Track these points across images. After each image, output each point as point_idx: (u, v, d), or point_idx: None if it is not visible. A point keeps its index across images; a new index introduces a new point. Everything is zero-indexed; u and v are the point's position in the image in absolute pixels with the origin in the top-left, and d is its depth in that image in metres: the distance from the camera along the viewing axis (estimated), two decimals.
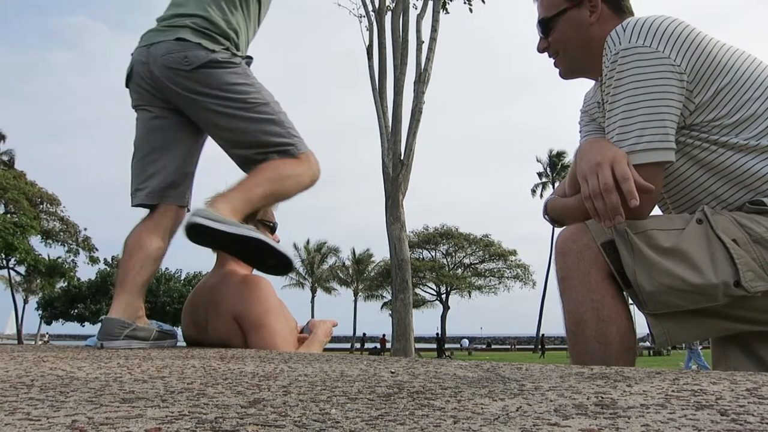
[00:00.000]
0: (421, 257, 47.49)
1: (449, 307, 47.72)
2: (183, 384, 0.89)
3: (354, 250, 51.82)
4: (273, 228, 2.30)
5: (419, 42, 13.60)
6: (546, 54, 1.64)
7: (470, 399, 0.72)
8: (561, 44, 1.59)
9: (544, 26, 1.60)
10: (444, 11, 14.29)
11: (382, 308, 48.70)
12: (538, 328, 47.04)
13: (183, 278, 47.53)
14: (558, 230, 1.53)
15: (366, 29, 14.26)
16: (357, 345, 47.91)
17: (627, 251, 1.32)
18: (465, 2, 15.03)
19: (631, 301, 1.39)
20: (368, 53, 14.10)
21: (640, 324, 1.65)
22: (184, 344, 2.20)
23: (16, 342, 35.89)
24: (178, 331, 2.15)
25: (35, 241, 32.62)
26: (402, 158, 13.02)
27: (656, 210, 1.46)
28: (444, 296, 47.66)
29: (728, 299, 1.28)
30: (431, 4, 13.81)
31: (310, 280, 52.50)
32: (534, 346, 49.06)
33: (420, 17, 13.84)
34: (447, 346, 43.04)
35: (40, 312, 48.08)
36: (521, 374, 0.98)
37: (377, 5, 14.12)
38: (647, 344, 30.07)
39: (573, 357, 1.40)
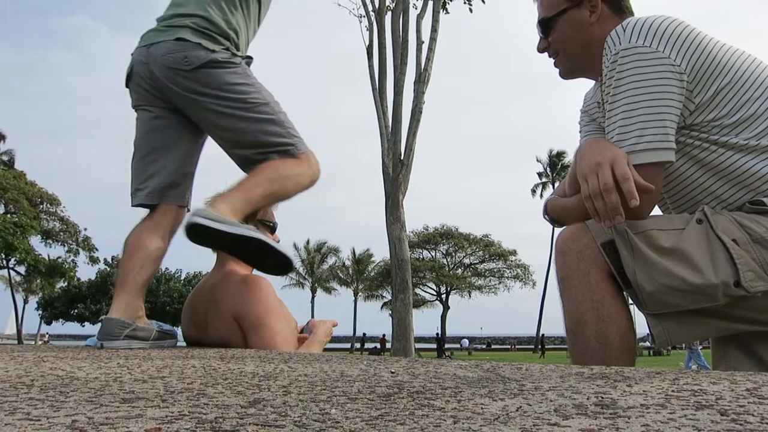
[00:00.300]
0: (421, 257, 47.49)
1: (449, 307, 47.74)
2: (183, 384, 0.89)
3: (354, 250, 51.86)
4: (273, 228, 2.31)
5: (419, 42, 13.60)
6: (546, 54, 1.64)
7: (470, 399, 0.72)
8: (561, 44, 1.59)
9: (544, 26, 1.60)
10: (444, 11, 14.29)
11: (382, 308, 48.71)
12: (538, 328, 47.05)
13: (183, 278, 47.53)
14: (558, 230, 1.53)
15: (366, 29, 14.27)
16: (357, 345, 47.91)
17: (627, 251, 1.32)
18: (465, 2, 15.04)
19: (631, 301, 1.39)
20: (368, 53, 14.10)
21: (640, 324, 1.66)
22: (184, 344, 2.20)
23: (16, 342, 35.91)
24: (178, 331, 2.15)
25: (35, 241, 32.67)
26: (402, 158, 13.02)
27: (656, 210, 1.46)
28: (444, 296, 47.67)
29: (728, 299, 1.28)
30: (431, 4, 13.82)
31: (310, 280, 52.51)
32: (534, 346, 49.07)
33: (420, 17, 13.84)
34: (447, 346, 43.04)
35: (40, 312, 48.07)
36: (521, 374, 0.98)
37: (377, 5, 14.12)
38: (647, 344, 30.07)
39: (573, 357, 1.40)
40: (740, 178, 1.38)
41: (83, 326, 47.09)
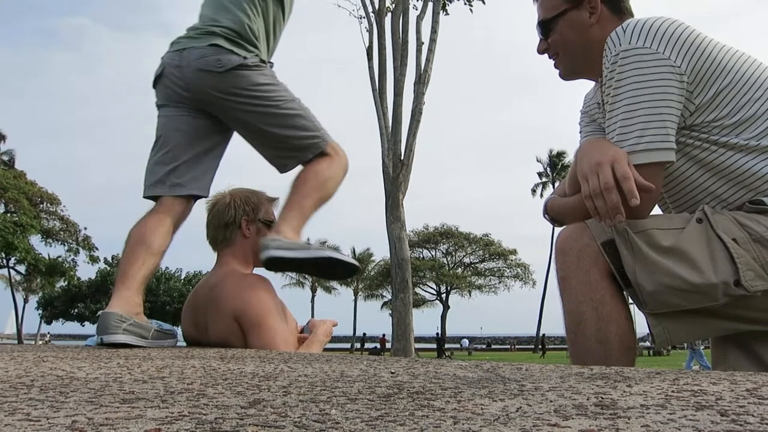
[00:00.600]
0: (421, 257, 47.48)
1: (449, 307, 47.74)
2: (183, 384, 0.89)
3: (354, 250, 51.82)
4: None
5: (419, 43, 13.61)
6: (546, 55, 1.64)
7: (470, 399, 0.72)
8: (561, 45, 1.59)
9: (544, 28, 1.60)
10: (444, 12, 14.30)
11: (382, 308, 48.71)
12: (538, 328, 47.06)
13: (183, 277, 47.54)
14: (558, 230, 1.53)
15: (366, 30, 14.28)
16: (357, 345, 47.91)
17: (627, 250, 1.32)
18: (465, 3, 15.04)
19: (631, 301, 1.39)
20: (368, 54, 14.11)
21: (640, 324, 1.66)
22: (184, 344, 2.20)
23: (16, 342, 35.89)
24: (178, 331, 2.15)
25: (35, 241, 32.64)
26: (402, 158, 13.03)
27: (656, 210, 1.46)
28: (444, 296, 47.67)
29: (728, 299, 1.28)
30: (431, 6, 13.83)
31: (310, 280, 52.48)
32: (534, 346, 49.08)
33: (420, 18, 13.85)
34: (447, 346, 43.05)
35: (40, 311, 48.10)
36: (521, 374, 0.98)
37: (377, 6, 14.13)
38: (647, 344, 30.08)
39: (573, 356, 1.40)
40: (740, 178, 1.38)
41: (83, 326, 47.11)
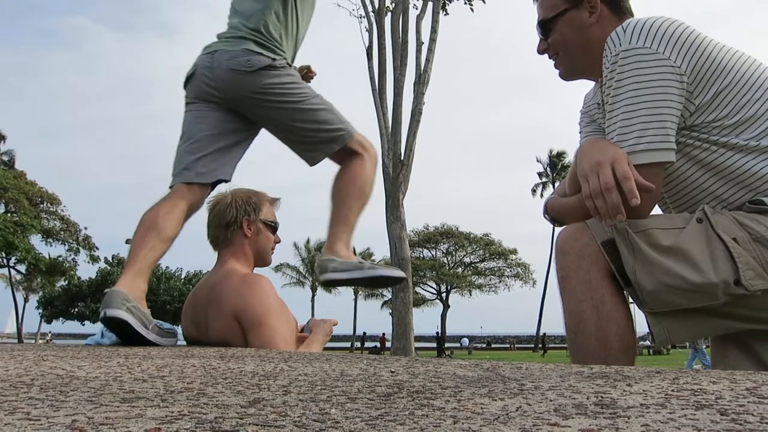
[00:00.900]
0: (422, 256, 47.49)
1: (449, 306, 47.77)
2: (183, 383, 0.89)
3: (354, 250, 51.28)
4: (275, 228, 2.31)
5: (419, 43, 13.60)
6: (546, 55, 1.64)
7: (470, 399, 0.72)
8: (561, 45, 1.59)
9: (544, 27, 1.60)
10: (444, 12, 14.28)
11: (382, 307, 48.74)
12: (538, 328, 47.05)
13: (183, 277, 47.56)
14: (558, 229, 1.53)
15: (366, 30, 14.26)
16: (357, 344, 47.90)
17: (627, 250, 1.32)
18: (466, 2, 15.03)
19: (631, 300, 1.39)
20: (368, 54, 14.10)
21: (640, 323, 1.66)
22: (185, 343, 2.20)
23: (17, 341, 35.90)
24: (179, 330, 2.15)
25: (36, 240, 32.63)
26: (402, 158, 13.02)
27: (656, 210, 1.46)
28: (444, 295, 47.68)
29: (728, 298, 1.28)
30: (431, 5, 13.82)
31: (311, 279, 52.51)
32: (534, 345, 49.07)
33: (420, 18, 13.84)
34: (447, 345, 43.04)
35: (41, 311, 48.10)
36: (521, 374, 0.98)
37: (377, 6, 14.12)
38: (647, 343, 30.10)
39: (573, 355, 1.40)
40: (740, 179, 1.38)
41: (83, 325, 47.13)
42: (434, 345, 42.22)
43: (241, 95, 2.20)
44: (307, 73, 2.56)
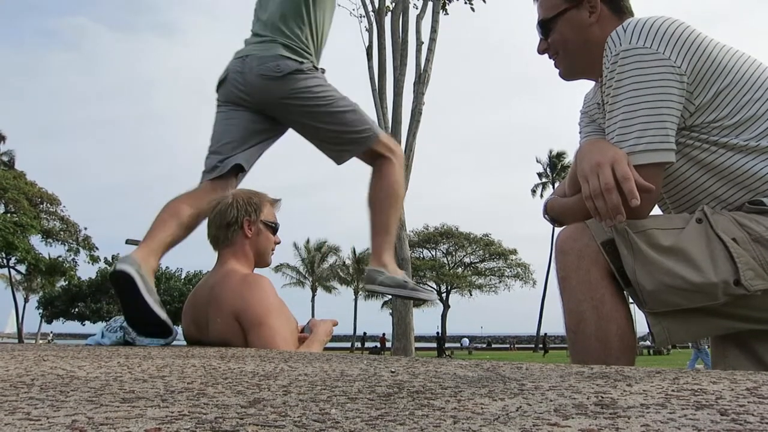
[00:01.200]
0: (422, 256, 47.51)
1: (449, 306, 47.78)
2: (183, 383, 0.89)
3: (354, 249, 51.76)
4: (275, 229, 2.31)
5: (419, 43, 13.58)
6: (546, 55, 1.64)
7: (470, 399, 0.72)
8: (561, 45, 1.59)
9: (544, 27, 1.60)
10: (444, 12, 14.27)
11: (383, 307, 48.69)
12: (539, 328, 47.06)
13: (183, 277, 47.58)
14: (558, 230, 1.53)
15: (366, 30, 14.25)
16: (357, 344, 47.90)
17: (627, 250, 1.32)
18: (466, 2, 15.02)
19: (631, 300, 1.39)
20: (368, 54, 14.08)
21: (640, 323, 1.66)
22: (185, 343, 2.20)
23: (17, 341, 35.89)
24: (179, 330, 2.15)
25: (36, 240, 32.63)
26: None
27: (656, 210, 1.46)
28: (444, 295, 47.67)
29: (728, 298, 1.28)
30: (431, 5, 13.80)
31: (311, 279, 52.52)
32: (534, 345, 49.06)
33: (420, 18, 13.82)
34: (447, 345, 43.03)
35: (41, 311, 48.11)
36: (521, 374, 0.98)
37: (377, 6, 14.11)
38: (647, 343, 30.09)
39: (573, 355, 1.40)
40: (740, 179, 1.38)
41: (83, 325, 47.13)
42: (434, 345, 42.22)
43: (271, 99, 2.29)
44: None
